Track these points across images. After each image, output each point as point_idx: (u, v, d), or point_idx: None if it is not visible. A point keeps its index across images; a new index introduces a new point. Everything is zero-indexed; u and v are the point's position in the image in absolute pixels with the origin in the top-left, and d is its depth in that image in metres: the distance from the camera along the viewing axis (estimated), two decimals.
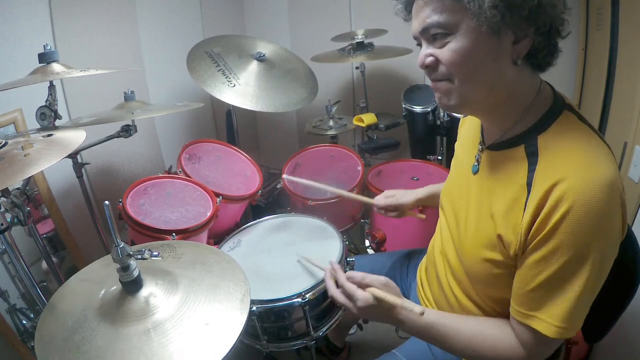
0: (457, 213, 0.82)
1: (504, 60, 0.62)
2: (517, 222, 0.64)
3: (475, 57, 0.61)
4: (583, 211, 0.57)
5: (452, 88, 0.65)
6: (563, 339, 0.64)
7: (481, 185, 0.75)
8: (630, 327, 1.05)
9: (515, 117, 0.68)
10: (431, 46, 0.65)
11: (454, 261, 0.84)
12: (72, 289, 0.82)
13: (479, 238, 0.72)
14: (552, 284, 0.62)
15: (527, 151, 0.65)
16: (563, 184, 0.58)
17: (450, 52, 0.62)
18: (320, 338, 1.05)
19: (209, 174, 1.57)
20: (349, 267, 1.10)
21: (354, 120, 1.90)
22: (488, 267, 0.71)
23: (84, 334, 0.68)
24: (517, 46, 0.61)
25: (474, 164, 0.78)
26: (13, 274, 1.35)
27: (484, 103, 0.67)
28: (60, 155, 0.80)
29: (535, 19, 0.58)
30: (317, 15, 2.39)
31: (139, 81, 1.88)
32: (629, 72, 1.32)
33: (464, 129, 0.92)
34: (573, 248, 0.59)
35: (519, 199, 0.64)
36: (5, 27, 1.34)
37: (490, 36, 0.59)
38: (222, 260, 0.87)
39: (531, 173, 0.63)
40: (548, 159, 0.62)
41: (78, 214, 1.59)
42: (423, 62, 0.66)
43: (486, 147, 0.75)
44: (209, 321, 0.70)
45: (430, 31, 0.63)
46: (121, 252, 0.69)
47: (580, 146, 0.61)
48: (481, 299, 0.80)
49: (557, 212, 0.58)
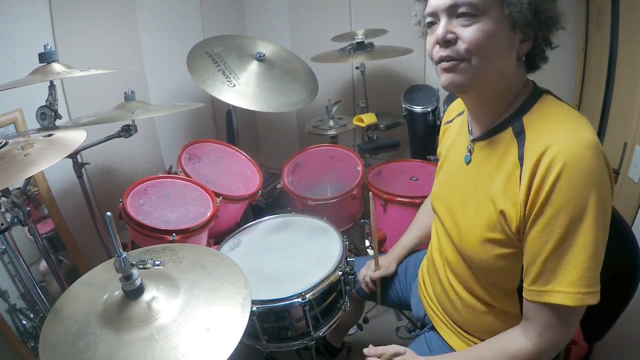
0: (452, 208, 0.84)
1: (513, 53, 0.69)
2: (515, 195, 0.67)
3: (497, 41, 0.65)
4: (575, 169, 0.60)
5: (467, 67, 0.67)
6: (584, 306, 0.64)
7: (476, 172, 0.78)
8: (630, 327, 1.05)
9: (504, 107, 0.73)
10: (453, 21, 0.66)
11: (453, 258, 0.85)
12: (76, 294, 0.81)
13: (479, 221, 0.74)
14: (561, 249, 0.63)
15: (515, 131, 0.70)
16: (552, 148, 0.62)
17: (477, 31, 0.64)
18: (320, 338, 1.05)
19: (209, 174, 1.57)
20: (349, 267, 1.10)
21: (354, 120, 1.91)
22: (490, 249, 0.72)
23: (87, 340, 0.68)
24: (522, 45, 0.69)
25: (466, 154, 0.81)
26: (13, 274, 1.35)
27: (489, 87, 0.71)
28: (61, 155, 0.80)
29: (545, 27, 0.67)
30: (317, 15, 2.39)
31: (139, 81, 1.88)
32: (629, 72, 1.32)
33: (447, 134, 0.96)
34: (572, 207, 0.61)
35: (513, 173, 0.68)
36: (5, 27, 1.34)
37: (509, 29, 0.65)
38: (222, 262, 0.87)
39: (521, 148, 0.67)
40: (534, 133, 0.67)
41: (78, 214, 1.59)
42: (444, 36, 0.67)
43: (476, 138, 0.79)
44: (210, 325, 0.70)
45: (459, 8, 0.65)
46: (124, 262, 0.69)
47: (562, 118, 0.67)
48: (484, 291, 0.80)
49: (551, 175, 0.62)
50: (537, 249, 0.66)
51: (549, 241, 0.64)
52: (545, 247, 0.64)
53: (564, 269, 0.63)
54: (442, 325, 0.94)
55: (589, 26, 1.65)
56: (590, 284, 0.63)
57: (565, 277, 0.63)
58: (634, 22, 1.29)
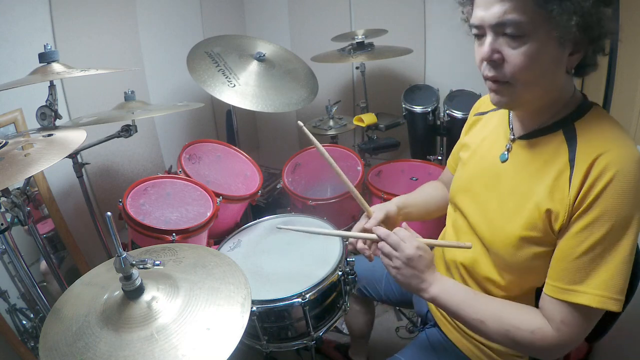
0: (484, 205, 0.82)
1: (561, 69, 0.68)
2: (563, 195, 0.67)
3: (543, 63, 0.65)
4: (625, 179, 0.62)
5: (511, 90, 0.68)
6: (605, 309, 0.65)
7: (515, 171, 0.77)
8: (630, 327, 1.05)
9: (554, 112, 0.73)
10: (500, 40, 0.65)
11: (476, 255, 0.83)
12: (76, 293, 0.81)
13: (518, 219, 0.73)
14: (595, 252, 0.64)
15: (566, 135, 0.71)
16: (605, 156, 0.64)
17: (522, 55, 0.63)
18: (319, 338, 1.05)
19: (209, 174, 1.58)
20: (349, 267, 1.10)
21: (354, 120, 1.91)
22: (526, 247, 0.72)
23: (87, 340, 0.68)
24: (572, 58, 0.67)
25: (503, 152, 0.80)
26: (13, 274, 1.35)
27: (535, 103, 0.72)
28: (61, 155, 0.80)
29: (597, 41, 0.65)
30: (317, 15, 2.39)
31: (139, 81, 1.88)
32: (629, 72, 1.32)
33: (479, 126, 0.93)
34: (615, 215, 0.63)
35: (563, 174, 0.68)
36: (5, 27, 1.34)
37: (557, 46, 0.64)
38: (222, 262, 0.87)
39: (572, 152, 0.68)
40: (587, 140, 0.68)
41: (78, 214, 1.59)
42: (489, 56, 0.66)
43: (519, 137, 0.78)
44: (210, 325, 0.70)
45: (506, 28, 0.63)
46: (124, 262, 0.69)
47: (614, 129, 0.68)
48: (502, 290, 0.80)
49: (602, 180, 0.63)
50: (570, 247, 0.66)
51: (584, 242, 0.65)
52: (579, 247, 0.65)
53: (594, 270, 0.64)
54: (446, 322, 0.93)
55: None
56: (617, 290, 0.64)
57: (594, 279, 0.64)
58: (634, 22, 1.29)
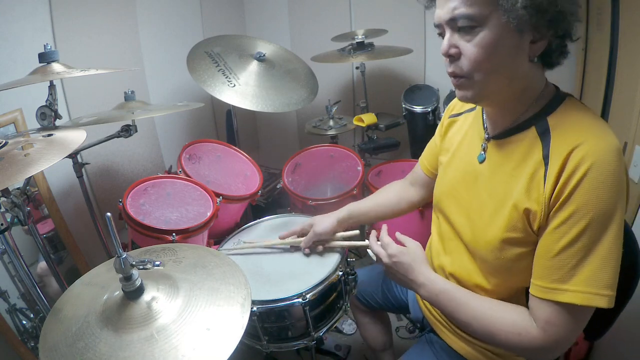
0: (467, 207, 0.82)
1: (522, 57, 0.66)
2: (539, 193, 0.66)
3: (499, 51, 0.64)
4: (602, 171, 0.60)
5: (472, 82, 0.68)
6: (592, 306, 0.63)
7: (492, 171, 0.77)
8: (630, 326, 1.05)
9: (525, 107, 0.72)
10: (455, 35, 0.66)
11: (462, 259, 0.83)
12: (76, 294, 0.81)
13: (497, 221, 0.73)
14: (575, 247, 0.62)
15: (539, 131, 0.69)
16: (581, 148, 0.62)
17: (476, 47, 0.64)
18: (320, 338, 1.05)
19: (209, 174, 1.58)
20: (349, 267, 1.10)
21: (354, 120, 1.91)
22: (508, 249, 0.72)
23: (87, 341, 0.68)
24: (534, 45, 0.66)
25: (480, 153, 0.80)
26: (13, 274, 1.35)
27: (501, 95, 0.71)
28: (61, 155, 0.80)
29: (556, 24, 0.63)
30: (317, 15, 2.39)
31: (139, 81, 1.88)
32: (629, 72, 1.32)
33: (454, 128, 0.93)
34: (594, 209, 0.61)
35: (538, 172, 0.67)
36: (5, 27, 1.34)
37: (514, 33, 0.63)
38: (223, 263, 0.87)
39: (546, 148, 0.67)
40: (561, 133, 0.66)
41: (78, 214, 1.59)
42: (447, 51, 0.67)
43: (493, 136, 0.78)
44: (211, 326, 0.70)
45: (458, 22, 0.64)
46: (124, 263, 0.68)
47: (589, 120, 0.66)
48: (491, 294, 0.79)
49: (577, 173, 0.61)
50: (549, 244, 0.65)
51: (562, 238, 0.63)
52: (558, 243, 0.64)
53: (577, 267, 0.63)
54: (441, 327, 0.93)
55: (589, 26, 1.65)
56: (602, 286, 0.62)
57: (577, 275, 0.63)
58: (634, 22, 1.29)
